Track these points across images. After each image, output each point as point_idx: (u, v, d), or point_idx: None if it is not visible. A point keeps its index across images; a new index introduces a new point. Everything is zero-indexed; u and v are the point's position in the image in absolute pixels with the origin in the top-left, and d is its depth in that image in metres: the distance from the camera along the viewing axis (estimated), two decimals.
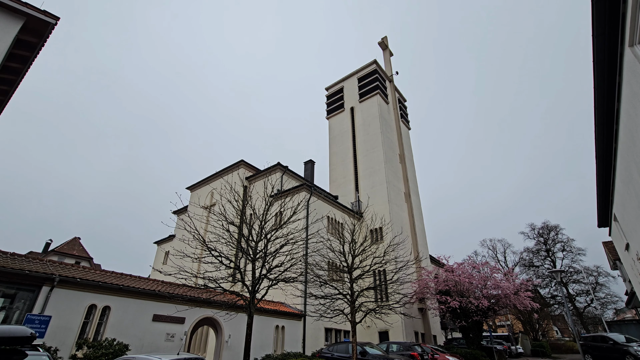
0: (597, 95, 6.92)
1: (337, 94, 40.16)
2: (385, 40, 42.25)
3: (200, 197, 30.83)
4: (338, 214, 26.61)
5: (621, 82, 6.18)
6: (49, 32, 8.31)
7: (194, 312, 14.35)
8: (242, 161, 29.16)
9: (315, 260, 16.48)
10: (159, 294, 13.45)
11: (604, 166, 9.30)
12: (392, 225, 26.13)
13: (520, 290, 22.13)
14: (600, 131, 7.89)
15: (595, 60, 6.24)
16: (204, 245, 12.08)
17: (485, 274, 23.44)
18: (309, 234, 17.64)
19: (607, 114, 7.27)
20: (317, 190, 26.66)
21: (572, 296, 40.55)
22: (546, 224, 44.06)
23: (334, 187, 34.06)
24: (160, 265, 33.63)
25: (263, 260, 12.14)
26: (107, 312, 12.25)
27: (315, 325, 20.13)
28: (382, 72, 39.01)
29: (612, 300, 39.19)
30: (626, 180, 7.93)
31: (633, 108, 5.85)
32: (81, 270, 13.20)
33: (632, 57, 5.21)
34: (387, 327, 22.54)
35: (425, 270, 25.51)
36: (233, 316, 14.29)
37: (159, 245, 36.77)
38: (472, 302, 20.96)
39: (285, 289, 16.76)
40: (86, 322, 11.72)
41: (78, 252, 41.78)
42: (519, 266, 44.41)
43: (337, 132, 37.43)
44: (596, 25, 5.61)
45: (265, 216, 12.68)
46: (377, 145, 32.40)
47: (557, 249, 42.79)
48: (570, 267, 41.06)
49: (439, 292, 22.66)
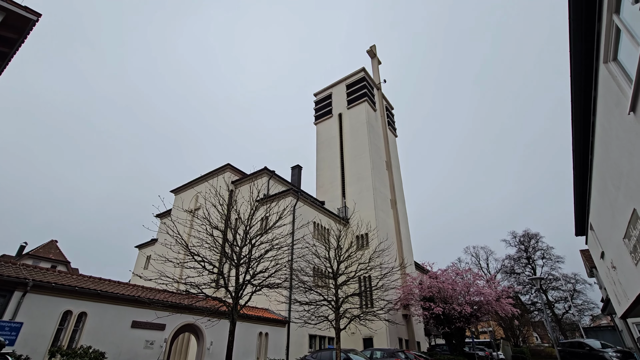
0: (574, 109, 7.18)
1: (325, 99, 40.40)
2: (373, 48, 42.90)
3: (184, 200, 30.32)
4: (324, 220, 26.60)
5: (596, 97, 6.44)
6: (30, 29, 8.10)
7: (174, 318, 14.01)
8: (228, 165, 28.89)
9: (301, 266, 16.39)
10: (138, 299, 13.09)
11: (581, 177, 9.63)
12: (377, 232, 26.28)
13: (501, 297, 22.53)
14: (577, 143, 8.18)
15: (573, 75, 6.49)
16: (186, 249, 11.86)
17: (468, 281, 23.79)
18: (295, 239, 17.55)
19: (583, 127, 7.55)
20: (304, 195, 26.62)
21: (551, 303, 41.56)
22: (527, 232, 45.21)
23: (321, 193, 34.09)
24: (141, 270, 32.77)
25: (247, 265, 12.00)
26: (84, 318, 11.84)
27: (300, 332, 19.96)
28: (370, 80, 39.51)
29: (589, 307, 40.43)
30: (601, 191, 8.22)
31: (607, 121, 6.09)
32: (57, 274, 12.74)
33: (606, 73, 5.44)
34: (371, 333, 22.54)
35: (409, 277, 25.70)
36: (215, 323, 14.03)
37: (140, 250, 35.88)
38: (455, 308, 21.20)
39: (270, 295, 16.59)
40: (60, 329, 11.29)
41: (55, 255, 40.31)
42: (501, 273, 45.36)
43: (325, 137, 37.57)
44: (573, 43, 5.85)
45: (250, 221, 12.56)
46: (365, 151, 32.67)
47: (537, 256, 43.92)
48: (549, 275, 42.16)
49: (423, 299, 22.85)
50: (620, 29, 4.66)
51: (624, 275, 8.65)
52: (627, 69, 4.82)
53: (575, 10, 5.36)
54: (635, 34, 4.28)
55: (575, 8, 5.33)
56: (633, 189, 5.58)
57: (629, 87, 4.63)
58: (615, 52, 5.14)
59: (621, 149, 5.61)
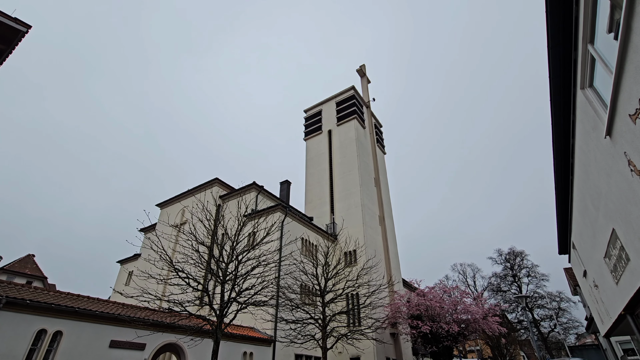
0: (554, 132, 7.47)
1: (315, 116, 40.88)
2: (363, 67, 43.95)
3: (170, 215, 29.73)
4: (312, 236, 26.41)
5: (575, 120, 6.73)
6: (19, 40, 8.04)
7: (155, 337, 13.47)
8: (216, 179, 28.62)
9: (288, 283, 16.14)
10: (118, 317, 12.58)
11: (562, 197, 9.91)
12: (366, 248, 26.19)
13: (488, 315, 22.54)
14: (558, 165, 8.46)
15: (552, 100, 6.78)
16: (170, 265, 11.56)
17: (456, 299, 23.76)
18: (282, 255, 17.33)
19: (563, 149, 7.84)
20: (292, 211, 26.47)
21: (537, 321, 41.76)
22: (512, 250, 45.77)
23: (310, 209, 33.97)
24: (122, 286, 31.66)
25: (233, 282, 11.75)
26: (59, 337, 11.28)
27: (285, 352, 19.42)
28: (360, 98, 40.28)
29: (574, 325, 40.73)
30: (582, 211, 8.47)
31: (586, 144, 6.35)
32: (32, 291, 12.18)
33: (583, 98, 5.71)
34: (358, 353, 22.10)
35: (397, 294, 25.53)
36: (198, 342, 13.55)
37: (123, 265, 34.77)
38: (442, 326, 21.07)
39: (255, 313, 16.20)
40: (33, 349, 10.71)
41: (31, 270, 38.60)
42: (488, 291, 45.49)
43: (314, 153, 37.79)
44: (552, 69, 6.15)
45: (237, 236, 12.38)
46: (354, 168, 32.92)
47: (522, 274, 44.35)
48: (535, 292, 42.52)
49: (411, 317, 22.66)
50: (595, 58, 4.93)
51: (605, 294, 8.82)
52: (602, 95, 5.08)
53: (553, 39, 5.66)
54: (608, 63, 4.53)
55: (553, 37, 5.63)
56: (612, 209, 5.77)
57: (604, 113, 4.86)
58: (591, 79, 5.41)
59: (599, 171, 5.83)
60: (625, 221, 5.24)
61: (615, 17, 3.99)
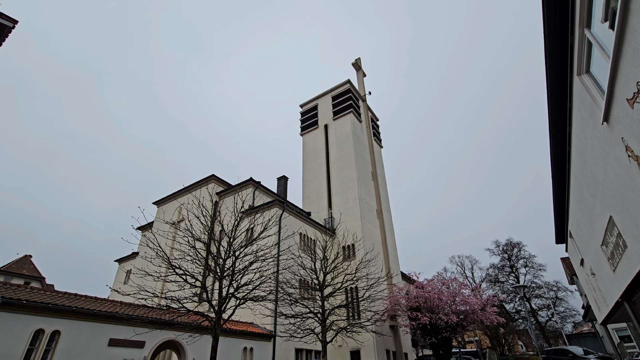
0: (551, 120, 7.41)
1: (311, 111, 40.64)
2: (358, 61, 43.66)
3: (166, 212, 29.61)
4: (310, 231, 26.39)
5: (572, 108, 6.67)
6: (5, 35, 7.86)
7: (154, 334, 13.44)
8: (213, 176, 28.47)
9: (286, 278, 16.13)
10: (116, 315, 12.52)
11: (559, 186, 9.90)
12: (364, 242, 26.23)
13: (487, 306, 22.68)
14: (555, 153, 8.42)
15: (549, 88, 6.72)
16: (168, 263, 11.50)
17: (454, 290, 23.89)
18: (280, 250, 17.30)
19: (560, 137, 7.79)
20: (290, 206, 26.42)
21: (535, 311, 42.16)
22: (510, 241, 46.05)
23: (307, 204, 33.92)
24: (120, 285, 31.60)
25: (231, 278, 11.70)
26: (57, 337, 11.21)
27: (285, 346, 19.49)
28: (356, 92, 40.07)
29: (571, 314, 41.19)
30: (579, 200, 8.45)
31: (582, 132, 6.30)
32: (29, 291, 12.09)
33: (580, 85, 5.65)
34: (358, 346, 22.23)
35: (396, 287, 25.63)
36: (197, 338, 13.54)
37: (120, 264, 34.66)
38: (441, 318, 21.19)
39: (254, 308, 16.20)
40: (31, 349, 10.64)
41: (28, 271, 38.47)
42: (486, 282, 45.84)
43: (310, 148, 37.65)
44: (548, 56, 6.07)
45: (234, 232, 12.32)
46: (351, 162, 32.84)
47: (520, 265, 44.68)
48: (532, 283, 42.87)
49: (410, 309, 22.77)
50: (592, 43, 4.86)
51: (602, 282, 8.84)
52: (599, 81, 5.01)
53: (549, 24, 5.57)
54: (605, 48, 4.46)
55: (549, 22, 5.54)
56: (609, 197, 5.74)
57: (601, 99, 4.80)
58: (588, 65, 5.34)
59: (596, 158, 5.79)
60: (622, 208, 5.21)
61: (611, 3, 3.91)
